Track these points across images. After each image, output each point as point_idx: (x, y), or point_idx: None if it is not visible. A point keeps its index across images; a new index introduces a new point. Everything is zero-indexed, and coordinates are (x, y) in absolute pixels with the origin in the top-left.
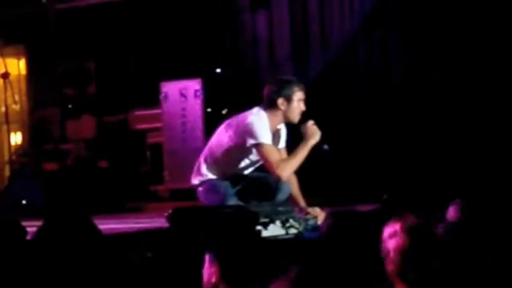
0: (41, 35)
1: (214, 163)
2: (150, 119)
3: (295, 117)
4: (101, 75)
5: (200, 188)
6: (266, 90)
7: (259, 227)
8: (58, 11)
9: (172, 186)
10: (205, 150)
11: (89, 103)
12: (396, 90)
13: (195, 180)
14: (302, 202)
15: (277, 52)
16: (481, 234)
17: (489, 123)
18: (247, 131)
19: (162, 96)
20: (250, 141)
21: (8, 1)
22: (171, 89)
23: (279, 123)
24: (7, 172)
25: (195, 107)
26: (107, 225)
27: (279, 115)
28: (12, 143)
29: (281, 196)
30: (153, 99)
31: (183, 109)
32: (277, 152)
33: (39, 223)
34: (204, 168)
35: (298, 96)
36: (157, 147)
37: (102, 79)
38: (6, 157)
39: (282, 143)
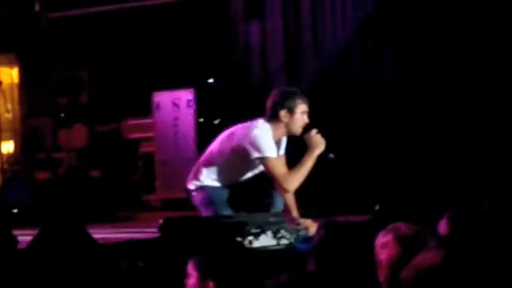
0: (34, 44)
1: (213, 170)
2: (142, 129)
3: (298, 129)
4: (94, 84)
5: (194, 193)
6: (269, 102)
7: (250, 238)
8: (51, 19)
9: (163, 196)
10: (205, 156)
11: (81, 112)
12: (389, 97)
13: (191, 185)
14: (295, 212)
15: (271, 61)
16: (471, 248)
17: (487, 124)
18: (252, 144)
19: (154, 105)
20: (255, 155)
21: (1, 9)
22: (163, 98)
23: (282, 135)
24: None
25: (187, 116)
26: (98, 234)
27: (281, 127)
28: (4, 151)
29: (275, 209)
30: (146, 108)
31: (176, 119)
32: (282, 165)
33: (30, 232)
34: (201, 174)
35: (302, 109)
36: (150, 157)
37: (95, 88)
38: None
39: (282, 151)
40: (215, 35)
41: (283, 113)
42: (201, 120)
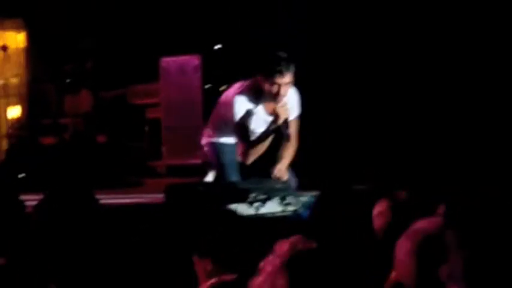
0: (41, 9)
1: (221, 125)
2: (149, 95)
3: (269, 96)
4: (100, 49)
5: (206, 148)
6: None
7: (256, 204)
8: None
9: (170, 162)
10: (214, 111)
11: (87, 78)
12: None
13: (203, 140)
14: (281, 164)
15: None
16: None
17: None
18: (228, 105)
19: (161, 71)
20: (230, 116)
21: None
22: (170, 64)
23: (263, 99)
24: (5, 146)
25: (194, 82)
26: (104, 200)
27: (259, 91)
28: (10, 116)
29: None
30: (152, 74)
31: (182, 85)
32: (246, 136)
33: (37, 197)
34: (211, 130)
35: (279, 80)
36: (156, 123)
37: (102, 54)
38: (4, 131)
39: (292, 113)
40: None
41: (261, 79)
42: (208, 86)
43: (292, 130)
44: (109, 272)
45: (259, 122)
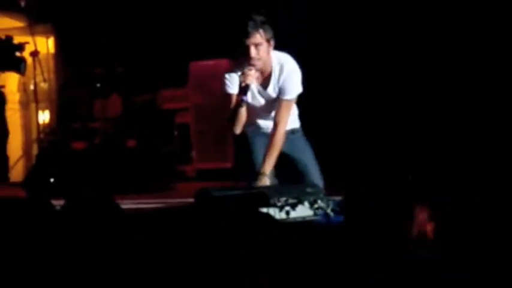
0: (70, 14)
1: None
2: (178, 99)
3: (248, 61)
4: (130, 54)
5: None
6: None
7: (287, 208)
8: None
9: (199, 166)
10: None
11: (117, 82)
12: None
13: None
14: (264, 165)
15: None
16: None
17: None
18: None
19: (190, 75)
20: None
21: None
22: (199, 68)
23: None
24: (35, 150)
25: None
26: (134, 204)
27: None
28: (40, 121)
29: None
30: (182, 78)
31: (212, 89)
32: (230, 107)
33: None
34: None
35: (244, 42)
36: (185, 127)
37: (132, 58)
38: (35, 135)
39: (283, 93)
40: (254, 5)
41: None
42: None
43: (284, 110)
44: (137, 277)
45: (252, 92)
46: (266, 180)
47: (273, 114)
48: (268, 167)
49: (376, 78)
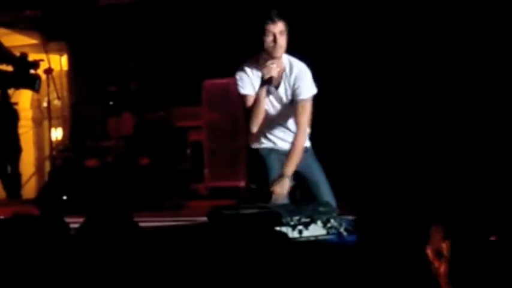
0: (84, 32)
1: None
2: (191, 117)
3: (270, 53)
4: (144, 72)
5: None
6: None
7: (300, 227)
8: (101, 7)
9: (212, 185)
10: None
11: (130, 100)
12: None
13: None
14: (286, 168)
15: None
16: None
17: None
18: (235, 82)
19: (204, 94)
20: (238, 93)
21: None
22: (213, 87)
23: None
24: (48, 167)
25: (238, 105)
26: (146, 222)
27: (262, 57)
28: (53, 138)
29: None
30: (195, 97)
31: (226, 107)
32: (249, 103)
33: (80, 219)
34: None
35: (268, 30)
36: (198, 145)
37: (145, 76)
38: (47, 152)
39: (297, 96)
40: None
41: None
42: None
43: (302, 111)
44: None
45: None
46: (287, 182)
47: (287, 123)
48: (290, 169)
49: (377, 81)
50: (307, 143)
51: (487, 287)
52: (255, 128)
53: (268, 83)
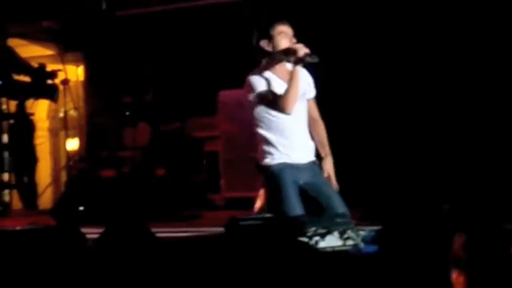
0: (100, 42)
1: (262, 134)
2: (207, 127)
3: (281, 47)
4: (159, 83)
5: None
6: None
7: (316, 238)
8: (117, 18)
9: (228, 195)
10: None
11: (146, 111)
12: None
13: (259, 160)
14: (325, 148)
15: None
16: None
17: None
18: (247, 90)
19: (219, 104)
20: (251, 96)
21: (68, 8)
22: (228, 97)
23: (279, 64)
24: (64, 178)
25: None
26: (163, 233)
27: (272, 57)
28: (69, 149)
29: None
30: (211, 107)
31: (241, 118)
32: (273, 93)
33: (96, 230)
34: (260, 145)
35: (278, 31)
36: (214, 156)
37: (160, 87)
38: (63, 163)
39: (309, 93)
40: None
41: (263, 43)
42: None
43: (315, 106)
44: None
45: (278, 89)
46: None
47: (301, 126)
48: (327, 148)
49: (377, 81)
50: (309, 157)
51: None
52: (292, 107)
53: (302, 61)
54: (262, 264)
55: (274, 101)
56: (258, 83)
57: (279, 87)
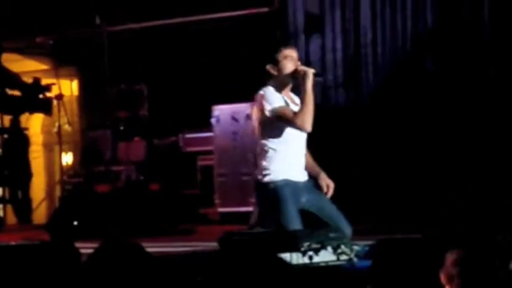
0: (94, 57)
1: (267, 150)
2: (201, 142)
3: (287, 70)
4: (153, 97)
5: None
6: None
7: (310, 253)
8: (111, 33)
9: (222, 209)
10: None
11: (140, 125)
12: (448, 113)
13: (260, 176)
14: (315, 165)
15: (329, 76)
16: None
17: None
18: (260, 104)
19: (213, 119)
20: (267, 109)
21: (62, 23)
22: (222, 112)
23: (284, 87)
24: (58, 192)
25: (246, 130)
26: (157, 248)
27: (278, 80)
28: (64, 163)
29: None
30: (204, 122)
31: (235, 133)
32: (291, 110)
33: (90, 245)
34: (263, 161)
35: (284, 54)
36: (208, 170)
37: (155, 102)
38: (58, 177)
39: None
40: (275, 49)
41: (269, 67)
42: None
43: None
44: None
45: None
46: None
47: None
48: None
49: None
50: (305, 176)
51: None
52: (309, 125)
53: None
54: (256, 279)
55: (291, 118)
56: (275, 98)
57: (292, 106)
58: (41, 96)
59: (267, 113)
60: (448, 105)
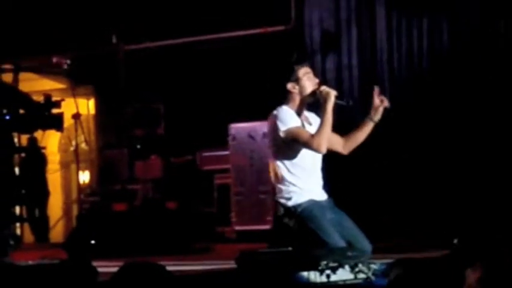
0: (110, 76)
1: (284, 172)
2: (218, 160)
3: (308, 89)
4: (170, 116)
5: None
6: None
7: (328, 271)
8: (127, 51)
9: (239, 228)
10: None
11: (157, 144)
12: (465, 126)
13: (283, 200)
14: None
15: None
16: None
17: None
18: (275, 124)
19: (230, 137)
20: (282, 129)
21: (79, 42)
22: (239, 130)
23: (303, 106)
24: (75, 211)
25: (263, 149)
26: (174, 266)
27: (296, 99)
28: (81, 181)
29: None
30: (221, 140)
31: (252, 151)
32: (306, 131)
33: (108, 263)
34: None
35: (303, 72)
36: (225, 188)
37: (171, 120)
38: (75, 196)
39: (314, 129)
40: (292, 67)
41: (290, 86)
42: None
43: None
44: None
45: (307, 129)
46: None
47: (319, 166)
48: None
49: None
50: (325, 195)
51: None
52: (324, 147)
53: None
54: None
55: (307, 140)
56: (290, 119)
57: (306, 127)
58: (51, 112)
59: (281, 134)
60: (466, 123)
